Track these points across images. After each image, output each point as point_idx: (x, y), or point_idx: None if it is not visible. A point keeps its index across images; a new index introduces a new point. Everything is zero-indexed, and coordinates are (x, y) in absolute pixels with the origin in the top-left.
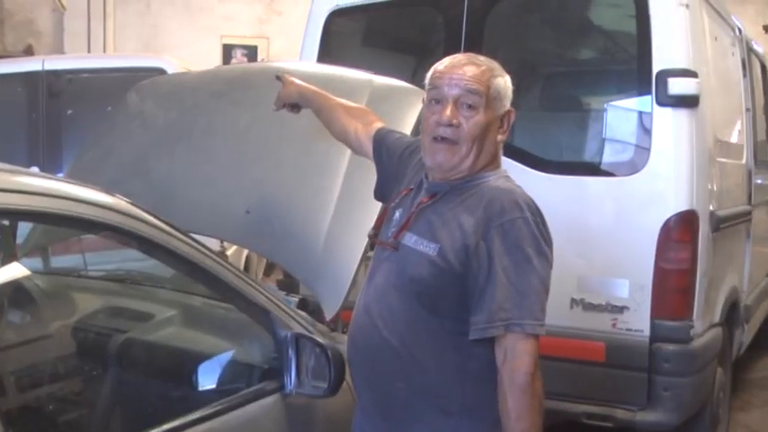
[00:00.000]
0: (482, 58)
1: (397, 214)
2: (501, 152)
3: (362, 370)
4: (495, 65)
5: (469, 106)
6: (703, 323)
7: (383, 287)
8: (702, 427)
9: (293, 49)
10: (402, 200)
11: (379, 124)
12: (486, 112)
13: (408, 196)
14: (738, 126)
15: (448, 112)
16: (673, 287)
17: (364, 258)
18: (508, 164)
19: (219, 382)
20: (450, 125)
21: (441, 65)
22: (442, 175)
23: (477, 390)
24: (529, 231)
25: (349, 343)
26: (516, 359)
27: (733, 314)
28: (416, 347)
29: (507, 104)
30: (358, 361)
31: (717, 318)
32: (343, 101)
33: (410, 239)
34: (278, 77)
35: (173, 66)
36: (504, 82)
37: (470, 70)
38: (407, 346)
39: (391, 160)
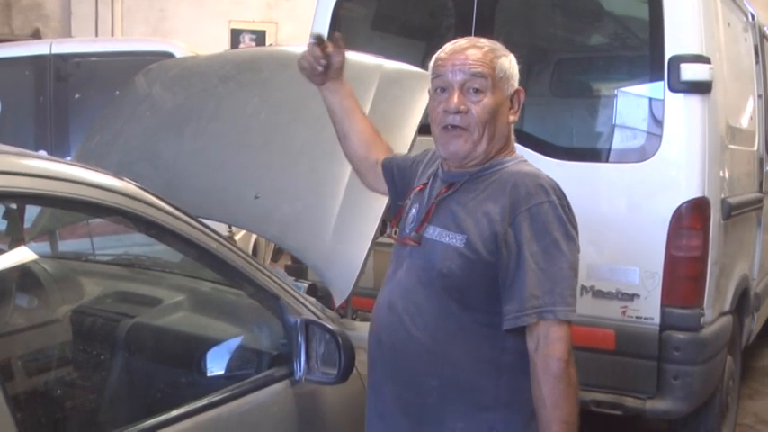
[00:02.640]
0: (483, 40)
1: (414, 210)
2: (513, 135)
3: (387, 369)
4: (498, 45)
5: (476, 90)
6: (714, 311)
7: (407, 283)
8: (711, 415)
9: (302, 33)
10: (416, 196)
11: (386, 154)
12: (494, 95)
13: (423, 191)
14: (750, 113)
15: (455, 98)
16: (684, 275)
17: (374, 244)
18: (518, 149)
19: (228, 368)
20: (459, 112)
21: (442, 52)
22: (458, 164)
23: (512, 382)
24: (556, 215)
25: (372, 342)
26: (549, 346)
27: (743, 302)
28: (449, 344)
29: (515, 84)
30: (383, 360)
31: (727, 306)
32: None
33: (433, 232)
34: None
35: (181, 50)
36: (509, 61)
37: (473, 54)
38: (439, 342)
39: (403, 175)
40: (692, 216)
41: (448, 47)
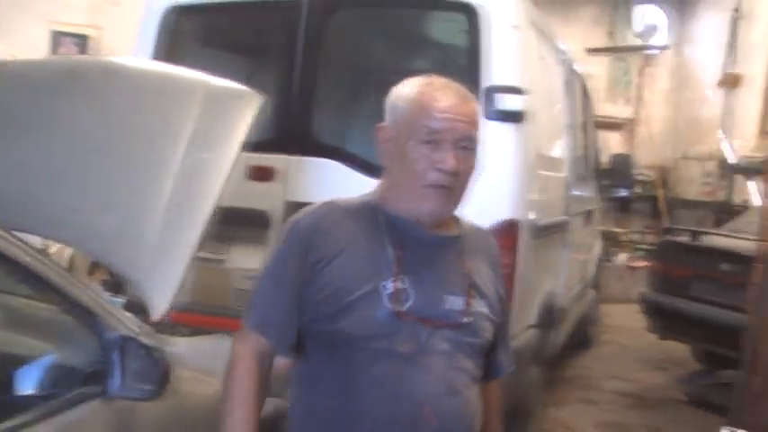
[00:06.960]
0: (459, 85)
1: (404, 283)
2: None
3: None
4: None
5: (466, 148)
6: (520, 325)
7: (456, 361)
8: (517, 421)
9: (128, 42)
10: (408, 266)
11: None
12: (475, 150)
13: (402, 262)
14: (559, 141)
15: (452, 159)
16: None
17: (193, 259)
18: (342, 168)
19: (38, 387)
20: (452, 174)
21: (440, 102)
22: (432, 223)
23: None
24: None
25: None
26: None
27: (549, 316)
28: (477, 397)
29: None
30: None
31: (533, 320)
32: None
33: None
34: None
35: None
36: None
37: (470, 108)
38: (476, 395)
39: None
40: (502, 236)
41: (443, 96)
